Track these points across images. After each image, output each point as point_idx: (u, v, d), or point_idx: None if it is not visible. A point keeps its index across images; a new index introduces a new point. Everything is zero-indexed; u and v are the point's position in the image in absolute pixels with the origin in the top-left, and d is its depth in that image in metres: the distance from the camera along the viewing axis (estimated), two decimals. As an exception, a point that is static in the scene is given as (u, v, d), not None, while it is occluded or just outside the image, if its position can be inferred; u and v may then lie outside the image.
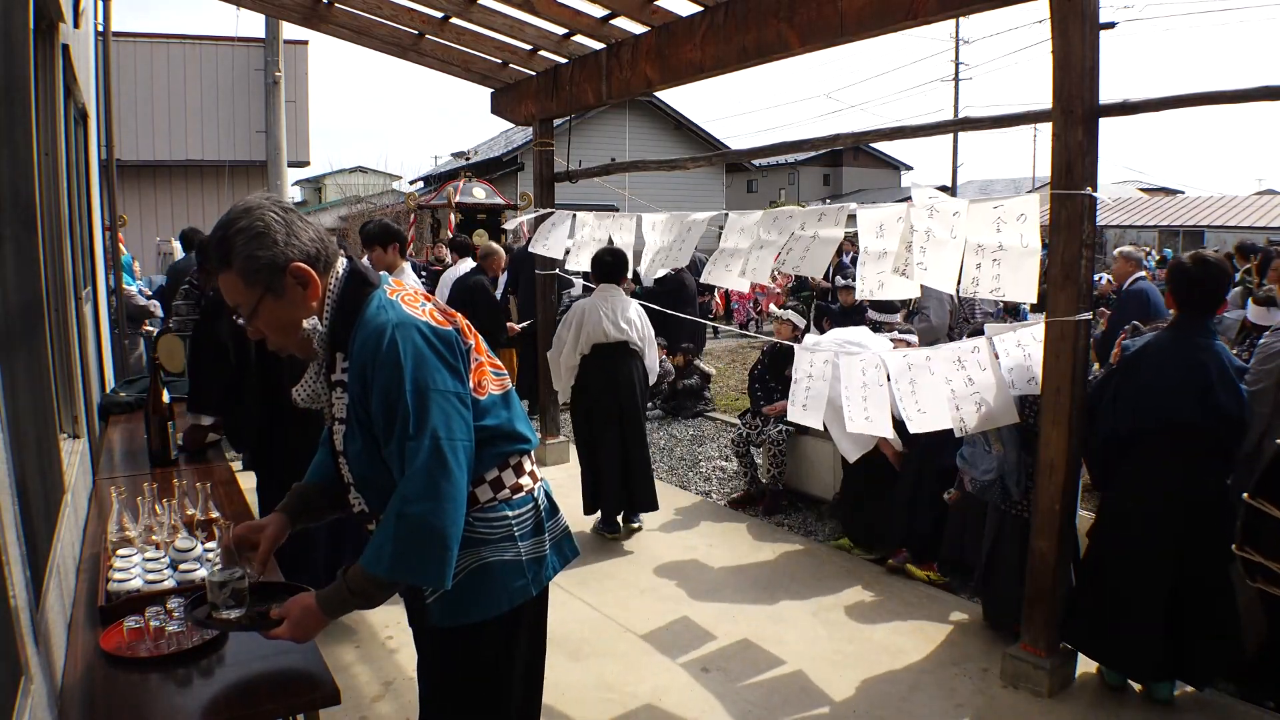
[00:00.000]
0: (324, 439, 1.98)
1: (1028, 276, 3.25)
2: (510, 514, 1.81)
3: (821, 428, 3.99)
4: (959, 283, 3.49)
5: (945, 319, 6.29)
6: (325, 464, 1.96)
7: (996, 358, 3.62)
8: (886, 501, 4.67)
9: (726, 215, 4.64)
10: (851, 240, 7.88)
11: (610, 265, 5.02)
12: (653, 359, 5.14)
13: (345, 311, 1.72)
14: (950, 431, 3.65)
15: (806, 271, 3.94)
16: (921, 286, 3.58)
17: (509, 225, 6.02)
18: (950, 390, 3.56)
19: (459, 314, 1.84)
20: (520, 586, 1.81)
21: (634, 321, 4.99)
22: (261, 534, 1.88)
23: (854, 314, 6.39)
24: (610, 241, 5.46)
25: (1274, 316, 3.80)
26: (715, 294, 15.00)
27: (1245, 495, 2.77)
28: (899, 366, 3.67)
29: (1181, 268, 3.23)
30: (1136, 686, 3.34)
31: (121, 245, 8.54)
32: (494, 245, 7.55)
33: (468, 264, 8.38)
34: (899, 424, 3.88)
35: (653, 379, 5.17)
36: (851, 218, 3.82)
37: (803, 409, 4.00)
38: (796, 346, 4.19)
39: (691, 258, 5.63)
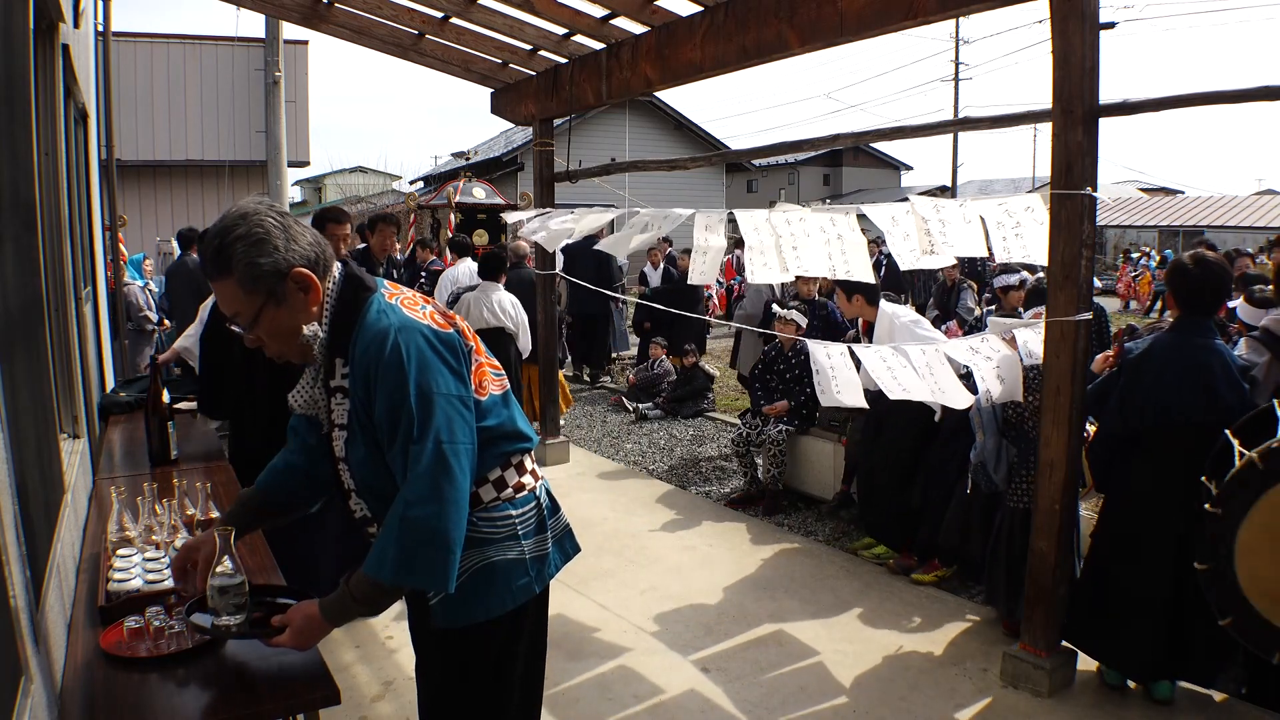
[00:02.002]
0: (293, 447, 1.97)
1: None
2: (514, 513, 1.82)
3: (865, 405, 3.98)
4: (990, 251, 3.56)
5: (760, 309, 6.99)
6: (284, 471, 1.96)
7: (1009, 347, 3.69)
8: (906, 497, 4.64)
9: (731, 213, 4.66)
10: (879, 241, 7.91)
11: (492, 266, 6.32)
12: (525, 342, 6.27)
13: (344, 316, 1.71)
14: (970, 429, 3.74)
15: (858, 277, 3.97)
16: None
17: (512, 218, 6.17)
18: (974, 363, 3.63)
19: (457, 315, 1.85)
20: (523, 585, 1.82)
21: (508, 310, 6.17)
22: (199, 553, 1.88)
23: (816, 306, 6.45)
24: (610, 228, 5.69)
25: (1263, 319, 3.80)
26: (715, 294, 15.00)
27: (1207, 505, 2.72)
28: (915, 354, 3.71)
29: (1183, 269, 3.23)
30: (1133, 685, 3.34)
31: (122, 247, 8.54)
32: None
33: (467, 263, 8.40)
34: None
35: (525, 355, 6.35)
36: (861, 217, 3.87)
37: (837, 394, 3.99)
38: (810, 341, 4.19)
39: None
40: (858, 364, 3.90)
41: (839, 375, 3.95)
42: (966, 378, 3.77)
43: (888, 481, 4.70)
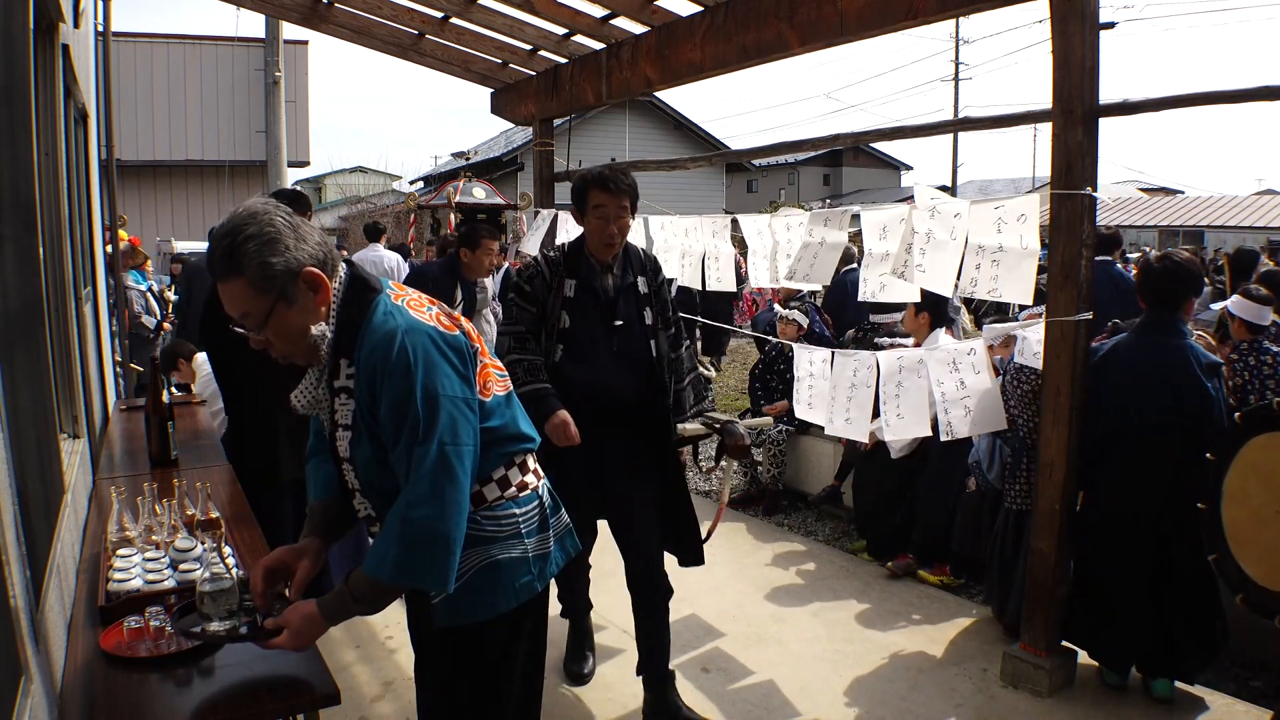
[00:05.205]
0: (312, 449, 1.96)
1: (1024, 277, 3.27)
2: (517, 511, 1.83)
3: (829, 424, 4.00)
4: (958, 283, 3.51)
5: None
6: (331, 476, 1.93)
7: (993, 361, 3.66)
8: (902, 507, 4.66)
9: (734, 219, 4.73)
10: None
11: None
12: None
13: (350, 317, 1.71)
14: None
15: (815, 280, 4.02)
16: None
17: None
18: (940, 393, 3.57)
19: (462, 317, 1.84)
20: (526, 583, 1.83)
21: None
22: (299, 561, 1.82)
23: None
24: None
25: (1265, 316, 3.81)
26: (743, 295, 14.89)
27: (1207, 454, 2.93)
28: (890, 368, 3.68)
29: (1146, 267, 3.32)
30: (1137, 673, 3.35)
31: (138, 245, 8.56)
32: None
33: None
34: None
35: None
36: (854, 218, 3.85)
37: (808, 407, 4.02)
38: (796, 345, 4.20)
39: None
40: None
41: (816, 388, 3.96)
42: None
43: (876, 496, 4.75)
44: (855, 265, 7.13)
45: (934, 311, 4.58)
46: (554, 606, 2.08)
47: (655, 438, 3.14)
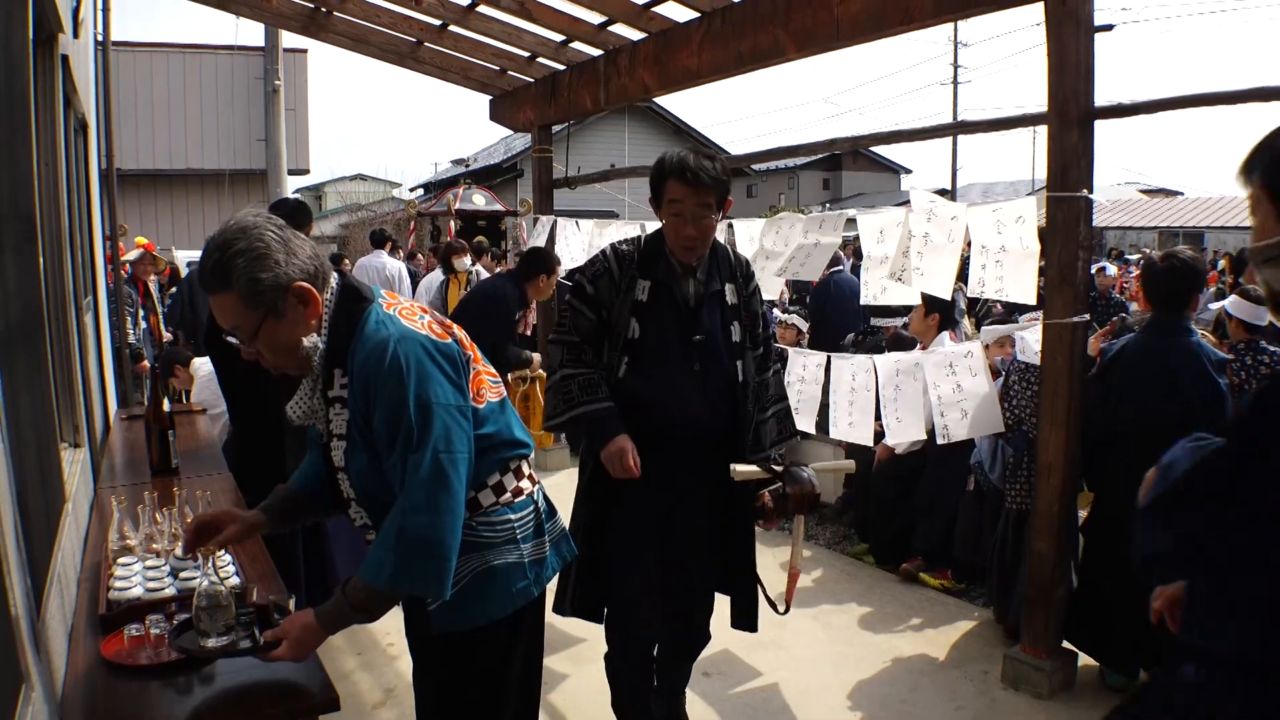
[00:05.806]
0: (311, 445, 1.98)
1: (1027, 278, 3.28)
2: (513, 517, 1.84)
3: (813, 431, 4.02)
4: (961, 285, 3.53)
5: None
6: (313, 471, 1.96)
7: (990, 363, 3.68)
8: (903, 512, 4.66)
9: (729, 224, 4.74)
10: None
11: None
12: None
13: (342, 327, 1.72)
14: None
15: (805, 276, 4.04)
16: None
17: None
18: (936, 396, 3.58)
19: (455, 324, 1.85)
20: (523, 588, 1.84)
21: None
22: (230, 524, 1.87)
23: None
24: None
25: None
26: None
27: None
28: (889, 371, 3.69)
29: (1150, 267, 3.33)
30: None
31: (156, 251, 8.54)
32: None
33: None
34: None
35: None
36: (851, 221, 3.87)
37: (795, 410, 4.03)
38: (791, 350, 4.22)
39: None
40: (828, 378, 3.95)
41: (805, 392, 3.97)
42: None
43: (877, 501, 4.75)
44: (841, 267, 7.23)
45: (944, 312, 4.53)
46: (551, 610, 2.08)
47: (729, 476, 2.63)
